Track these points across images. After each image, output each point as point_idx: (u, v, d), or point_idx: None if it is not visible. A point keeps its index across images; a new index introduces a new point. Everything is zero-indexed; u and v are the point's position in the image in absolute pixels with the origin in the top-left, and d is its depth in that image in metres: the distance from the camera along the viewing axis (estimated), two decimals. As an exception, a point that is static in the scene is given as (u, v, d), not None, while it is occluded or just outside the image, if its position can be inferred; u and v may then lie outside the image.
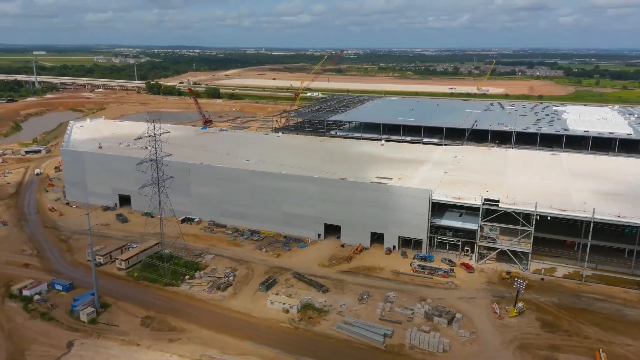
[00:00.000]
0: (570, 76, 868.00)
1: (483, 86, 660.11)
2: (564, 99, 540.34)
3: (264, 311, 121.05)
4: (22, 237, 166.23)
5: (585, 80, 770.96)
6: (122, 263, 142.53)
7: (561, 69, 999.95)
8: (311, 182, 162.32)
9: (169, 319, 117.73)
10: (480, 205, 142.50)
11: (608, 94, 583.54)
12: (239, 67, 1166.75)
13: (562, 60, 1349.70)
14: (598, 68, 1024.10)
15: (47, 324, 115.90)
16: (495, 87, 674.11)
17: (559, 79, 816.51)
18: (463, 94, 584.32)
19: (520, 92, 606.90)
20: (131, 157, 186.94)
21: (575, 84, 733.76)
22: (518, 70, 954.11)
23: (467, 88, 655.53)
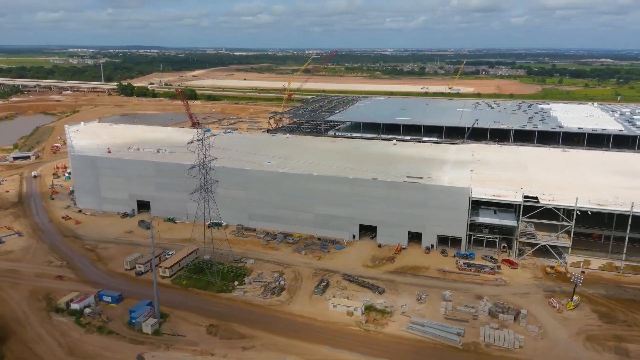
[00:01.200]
0: (532, 75, 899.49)
1: (454, 85, 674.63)
2: (533, 97, 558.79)
3: (327, 315, 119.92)
4: (43, 247, 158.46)
5: (549, 79, 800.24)
6: (165, 271, 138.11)
7: (521, 68, 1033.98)
8: (346, 182, 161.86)
9: (234, 326, 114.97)
10: (521, 202, 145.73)
11: (575, 92, 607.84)
12: (203, 67, 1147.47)
13: (519, 60, 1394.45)
14: (555, 67, 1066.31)
15: (107, 338, 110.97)
16: (465, 86, 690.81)
17: (522, 78, 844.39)
18: (438, 93, 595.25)
19: (490, 91, 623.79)
20: (154, 161, 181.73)
21: (539, 83, 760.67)
22: (482, 70, 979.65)
23: (438, 87, 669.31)
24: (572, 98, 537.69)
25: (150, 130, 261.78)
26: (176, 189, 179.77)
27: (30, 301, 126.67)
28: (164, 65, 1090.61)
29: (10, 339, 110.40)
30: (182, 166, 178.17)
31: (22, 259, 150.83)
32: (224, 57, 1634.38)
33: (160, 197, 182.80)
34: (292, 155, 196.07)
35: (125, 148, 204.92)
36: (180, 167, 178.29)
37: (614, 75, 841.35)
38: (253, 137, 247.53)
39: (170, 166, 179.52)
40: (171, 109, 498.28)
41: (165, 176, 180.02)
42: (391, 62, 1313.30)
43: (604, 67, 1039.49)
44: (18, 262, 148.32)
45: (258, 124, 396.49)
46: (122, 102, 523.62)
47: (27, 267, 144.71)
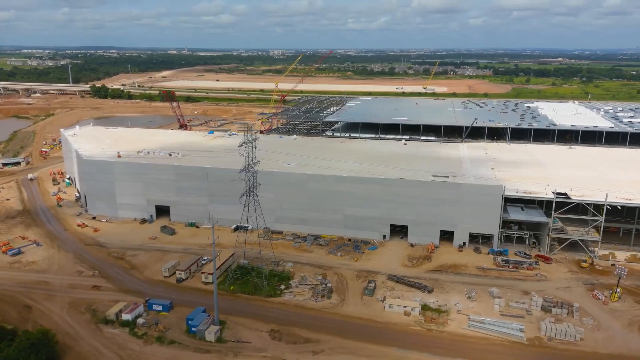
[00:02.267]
0: (499, 75, 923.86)
1: (428, 85, 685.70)
2: (507, 96, 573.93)
3: (384, 316, 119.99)
4: (67, 257, 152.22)
5: (516, 79, 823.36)
6: (208, 277, 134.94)
7: (486, 68, 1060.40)
8: (376, 183, 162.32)
9: (296, 330, 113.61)
10: (553, 199, 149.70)
11: (545, 91, 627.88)
12: (170, 68, 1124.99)
13: (481, 60, 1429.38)
14: (518, 67, 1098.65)
15: (169, 348, 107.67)
16: (438, 86, 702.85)
17: (490, 78, 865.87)
18: (415, 93, 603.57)
19: (463, 91, 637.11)
20: (175, 165, 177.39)
21: (507, 82, 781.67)
22: (450, 70, 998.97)
23: (412, 87, 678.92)
24: (544, 97, 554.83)
25: (151, 133, 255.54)
26: (198, 193, 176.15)
27: (72, 314, 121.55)
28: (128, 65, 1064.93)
29: (66, 354, 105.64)
30: (205, 170, 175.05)
31: (49, 269, 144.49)
32: (188, 57, 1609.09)
33: (180, 202, 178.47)
34: (308, 157, 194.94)
35: (135, 152, 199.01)
36: (203, 170, 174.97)
37: (577, 74, 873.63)
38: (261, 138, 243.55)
39: (192, 170, 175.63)
40: (151, 111, 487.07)
41: (186, 180, 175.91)
42: (358, 63, 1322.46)
43: (565, 66, 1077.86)
44: (45, 273, 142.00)
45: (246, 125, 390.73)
46: (97, 105, 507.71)
47: (57, 279, 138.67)
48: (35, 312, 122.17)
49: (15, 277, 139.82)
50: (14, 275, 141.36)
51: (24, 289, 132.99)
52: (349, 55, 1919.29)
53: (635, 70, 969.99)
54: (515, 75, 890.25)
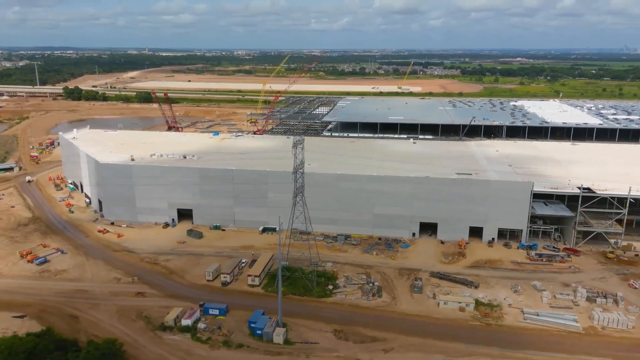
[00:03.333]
0: (466, 75, 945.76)
1: (403, 85, 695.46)
2: (480, 95, 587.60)
3: (439, 312, 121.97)
4: (98, 264, 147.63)
5: (486, 78, 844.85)
6: (254, 279, 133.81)
7: (453, 68, 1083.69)
8: (407, 182, 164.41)
9: (359, 329, 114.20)
10: (579, 193, 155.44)
11: (516, 90, 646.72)
12: (135, 68, 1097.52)
13: (446, 61, 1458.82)
14: (482, 67, 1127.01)
15: (237, 352, 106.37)
16: (412, 85, 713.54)
17: (459, 78, 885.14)
18: (392, 92, 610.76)
19: (437, 90, 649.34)
20: (199, 168, 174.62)
21: (476, 82, 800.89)
22: (419, 70, 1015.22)
23: (387, 87, 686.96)
24: (516, 95, 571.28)
25: (154, 135, 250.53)
26: (223, 195, 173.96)
27: (124, 321, 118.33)
28: (89, 66, 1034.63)
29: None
30: (230, 171, 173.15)
31: (82, 278, 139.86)
32: (152, 57, 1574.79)
33: (204, 205, 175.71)
34: (324, 157, 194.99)
35: (147, 155, 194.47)
36: (228, 172, 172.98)
37: (541, 74, 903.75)
38: (268, 139, 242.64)
39: (217, 172, 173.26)
40: (130, 113, 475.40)
41: (211, 182, 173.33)
42: (326, 63, 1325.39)
43: (528, 66, 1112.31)
44: (81, 282, 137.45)
45: (236, 126, 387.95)
46: (73, 107, 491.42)
47: (95, 287, 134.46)
48: (84, 322, 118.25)
49: (50, 287, 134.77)
50: (47, 284, 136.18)
51: (64, 299, 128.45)
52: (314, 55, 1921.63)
53: (594, 69, 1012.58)
54: (483, 75, 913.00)
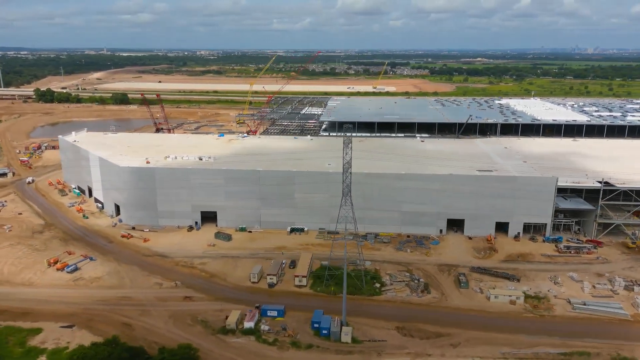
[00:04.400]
0: (435, 74, 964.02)
1: (378, 85, 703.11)
2: (455, 94, 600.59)
3: (492, 306, 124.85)
4: (133, 270, 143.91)
5: (455, 78, 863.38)
6: (302, 279, 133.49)
7: (420, 68, 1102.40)
8: (435, 179, 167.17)
9: (420, 326, 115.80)
10: (601, 187, 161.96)
11: (489, 89, 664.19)
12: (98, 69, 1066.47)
13: (406, 60, 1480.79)
14: (447, 67, 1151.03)
15: (309, 352, 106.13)
16: (387, 85, 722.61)
17: (429, 77, 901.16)
18: (369, 92, 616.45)
19: (411, 90, 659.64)
20: (224, 169, 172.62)
21: (447, 81, 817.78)
22: (389, 70, 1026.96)
23: (362, 87, 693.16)
24: (489, 94, 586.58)
25: (158, 137, 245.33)
26: (249, 197, 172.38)
27: (181, 326, 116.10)
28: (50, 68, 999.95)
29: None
30: (257, 172, 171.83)
31: (121, 284, 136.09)
32: (114, 58, 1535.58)
33: (229, 207, 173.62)
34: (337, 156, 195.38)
35: (162, 158, 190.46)
36: (255, 173, 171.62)
37: (506, 73, 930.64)
38: (276, 140, 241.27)
39: (243, 173, 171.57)
40: (108, 115, 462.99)
41: (236, 184, 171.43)
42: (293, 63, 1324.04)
43: (492, 65, 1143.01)
44: (121, 289, 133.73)
45: (224, 127, 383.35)
46: (47, 110, 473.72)
47: (138, 293, 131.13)
48: (139, 329, 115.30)
49: (89, 295, 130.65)
50: (86, 292, 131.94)
51: (110, 307, 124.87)
52: (279, 55, 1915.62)
53: (554, 68, 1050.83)
54: (451, 75, 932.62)
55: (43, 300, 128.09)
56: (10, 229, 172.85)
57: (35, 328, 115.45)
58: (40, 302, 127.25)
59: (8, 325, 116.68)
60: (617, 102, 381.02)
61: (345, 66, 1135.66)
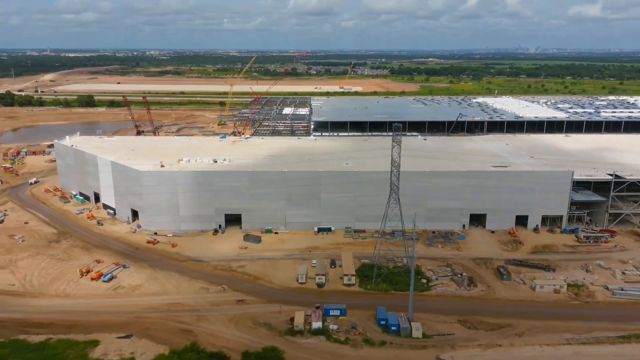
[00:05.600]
0: (394, 74, 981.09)
1: (345, 85, 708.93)
2: (421, 93, 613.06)
3: (538, 295, 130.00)
4: (172, 276, 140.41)
5: (417, 77, 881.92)
6: (351, 278, 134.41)
7: (379, 68, 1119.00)
8: (458, 176, 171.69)
9: (479, 318, 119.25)
10: (612, 180, 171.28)
11: (453, 87, 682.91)
12: (46, 71, 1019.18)
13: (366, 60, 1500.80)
14: (402, 67, 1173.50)
15: (385, 349, 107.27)
16: (353, 85, 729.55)
17: (391, 77, 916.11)
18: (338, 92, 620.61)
19: (378, 89, 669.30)
20: (249, 171, 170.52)
21: (409, 81, 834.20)
22: (350, 71, 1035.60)
23: (329, 87, 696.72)
24: (453, 93, 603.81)
25: (161, 140, 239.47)
26: (274, 198, 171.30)
27: (244, 330, 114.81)
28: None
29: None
30: (283, 173, 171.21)
31: (165, 291, 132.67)
32: (60, 59, 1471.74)
33: (254, 208, 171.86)
34: (351, 156, 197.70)
35: (174, 160, 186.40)
36: (280, 174, 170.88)
37: (463, 73, 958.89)
38: (282, 141, 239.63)
39: (269, 174, 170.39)
40: (76, 118, 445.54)
41: (261, 185, 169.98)
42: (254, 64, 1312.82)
43: (447, 65, 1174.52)
44: (167, 295, 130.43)
45: (205, 128, 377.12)
46: (10, 114, 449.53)
47: (187, 298, 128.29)
48: (201, 335, 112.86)
49: (135, 303, 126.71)
50: (130, 301, 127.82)
51: (163, 314, 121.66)
52: (234, 56, 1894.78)
53: (506, 67, 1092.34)
54: (409, 75, 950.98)
55: (87, 311, 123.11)
56: (23, 239, 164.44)
57: (91, 340, 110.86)
58: (85, 313, 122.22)
59: (60, 339, 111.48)
60: (585, 99, 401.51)
61: (306, 66, 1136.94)
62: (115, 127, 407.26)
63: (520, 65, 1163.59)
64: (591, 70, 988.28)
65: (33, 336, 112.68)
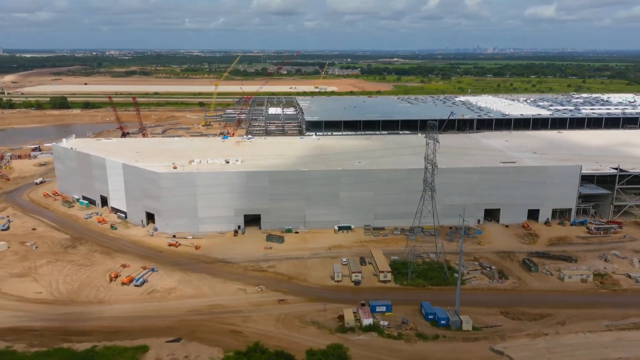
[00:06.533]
0: (365, 74, 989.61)
1: (320, 85, 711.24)
2: (396, 93, 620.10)
3: (568, 285, 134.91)
4: (205, 278, 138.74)
5: (389, 77, 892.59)
6: (387, 275, 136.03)
7: (349, 68, 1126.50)
8: (473, 172, 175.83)
9: (520, 309, 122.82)
10: (617, 173, 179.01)
11: (427, 87, 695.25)
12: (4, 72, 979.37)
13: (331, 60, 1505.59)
14: (371, 67, 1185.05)
15: (439, 342, 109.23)
16: (328, 85, 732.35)
17: (362, 77, 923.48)
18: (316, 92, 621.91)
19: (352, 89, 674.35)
20: (269, 171, 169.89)
21: (381, 81, 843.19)
22: (321, 70, 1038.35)
23: (303, 87, 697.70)
24: (427, 92, 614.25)
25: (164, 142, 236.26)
26: (294, 197, 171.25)
27: (294, 329, 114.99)
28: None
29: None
30: (303, 173, 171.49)
31: (201, 293, 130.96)
32: (17, 60, 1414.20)
33: (273, 208, 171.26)
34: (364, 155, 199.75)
35: (185, 162, 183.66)
36: (301, 174, 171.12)
37: (432, 72, 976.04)
38: (286, 140, 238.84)
39: (289, 174, 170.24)
40: (52, 121, 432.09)
41: (281, 185, 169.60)
42: (215, 64, 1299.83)
43: (414, 65, 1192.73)
44: (204, 298, 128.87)
45: (190, 129, 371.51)
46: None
47: (227, 300, 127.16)
48: (252, 336, 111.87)
49: (174, 306, 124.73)
50: (169, 304, 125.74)
51: (204, 316, 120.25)
52: (198, 56, 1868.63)
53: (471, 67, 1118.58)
54: (379, 75, 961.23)
55: (126, 316, 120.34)
56: (36, 246, 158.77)
57: (140, 345, 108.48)
58: (124, 318, 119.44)
59: (106, 346, 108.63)
60: (561, 97, 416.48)
61: (275, 66, 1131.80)
62: (93, 129, 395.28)
63: (484, 65, 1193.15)
64: (554, 69, 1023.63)
65: (77, 344, 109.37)
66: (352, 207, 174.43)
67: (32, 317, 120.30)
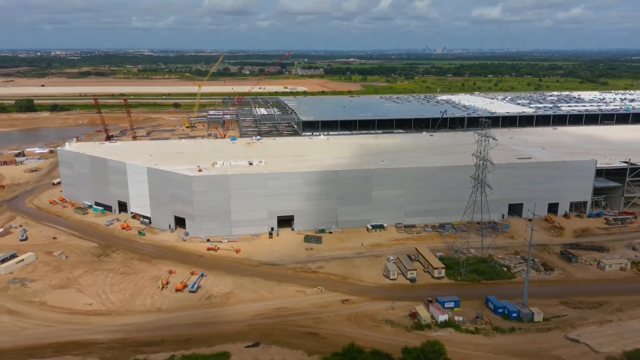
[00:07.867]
0: (330, 74, 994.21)
1: (289, 85, 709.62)
2: (367, 92, 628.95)
3: (609, 273, 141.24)
4: (257, 282, 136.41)
5: (354, 77, 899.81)
6: (441, 271, 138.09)
7: (311, 68, 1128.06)
8: (498, 168, 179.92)
9: (577, 298, 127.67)
10: (627, 167, 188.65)
11: (396, 86, 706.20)
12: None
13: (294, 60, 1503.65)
14: (331, 67, 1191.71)
15: (516, 335, 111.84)
16: (297, 85, 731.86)
17: (329, 77, 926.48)
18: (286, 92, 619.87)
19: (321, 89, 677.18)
20: (302, 172, 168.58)
21: (347, 81, 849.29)
22: (285, 71, 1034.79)
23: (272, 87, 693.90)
24: (397, 91, 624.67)
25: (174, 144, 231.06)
26: (327, 198, 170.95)
27: (368, 328, 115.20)
28: None
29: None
30: (336, 173, 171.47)
31: (260, 297, 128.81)
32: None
33: (306, 209, 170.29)
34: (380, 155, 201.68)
35: (209, 164, 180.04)
36: (334, 174, 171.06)
37: (394, 72, 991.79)
38: (296, 141, 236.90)
39: (322, 175, 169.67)
40: (21, 125, 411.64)
41: (314, 186, 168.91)
42: (172, 63, 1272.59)
43: (375, 65, 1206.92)
44: (265, 301, 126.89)
45: (175, 131, 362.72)
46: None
47: (289, 302, 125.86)
48: (329, 337, 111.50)
49: (239, 311, 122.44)
50: (231, 309, 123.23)
51: (274, 319, 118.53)
52: (149, 55, 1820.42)
53: (429, 67, 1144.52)
54: (343, 74, 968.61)
55: (193, 323, 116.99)
56: (66, 256, 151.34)
57: (220, 352, 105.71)
58: (191, 325, 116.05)
59: (185, 355, 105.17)
60: (536, 95, 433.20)
61: (237, 67, 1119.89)
62: (66, 132, 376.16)
63: (441, 65, 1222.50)
64: (508, 68, 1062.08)
65: (152, 355, 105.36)
66: (384, 206, 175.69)
67: (91, 329, 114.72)
